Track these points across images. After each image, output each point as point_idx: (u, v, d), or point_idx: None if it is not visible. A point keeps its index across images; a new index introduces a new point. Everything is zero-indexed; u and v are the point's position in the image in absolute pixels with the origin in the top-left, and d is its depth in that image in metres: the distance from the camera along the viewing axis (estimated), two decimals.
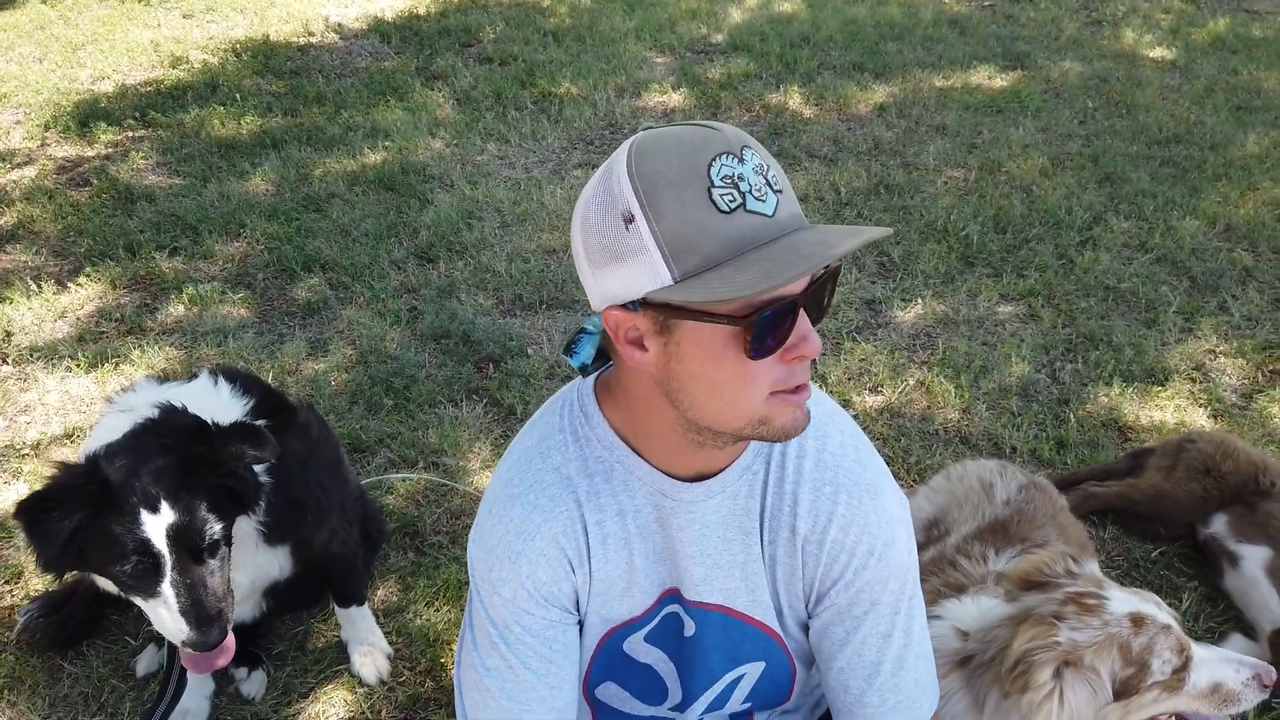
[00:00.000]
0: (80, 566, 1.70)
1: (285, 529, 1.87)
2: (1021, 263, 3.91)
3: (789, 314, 1.06)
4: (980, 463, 2.36)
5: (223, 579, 1.71)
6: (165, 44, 6.30)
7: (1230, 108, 5.34)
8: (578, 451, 1.30)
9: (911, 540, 1.37)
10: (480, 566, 1.31)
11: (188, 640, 1.66)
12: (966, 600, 1.82)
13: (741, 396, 1.10)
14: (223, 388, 1.90)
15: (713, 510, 1.29)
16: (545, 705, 1.32)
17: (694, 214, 1.02)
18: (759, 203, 1.03)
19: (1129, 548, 2.66)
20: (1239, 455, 2.58)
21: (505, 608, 1.29)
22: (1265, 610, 2.36)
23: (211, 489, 1.67)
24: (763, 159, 1.06)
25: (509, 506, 1.29)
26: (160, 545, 1.63)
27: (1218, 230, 4.14)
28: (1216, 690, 1.59)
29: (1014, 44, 6.23)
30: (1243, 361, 3.36)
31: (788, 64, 5.86)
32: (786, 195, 1.07)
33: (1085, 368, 3.32)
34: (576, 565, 1.30)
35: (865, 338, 3.49)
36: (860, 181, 4.52)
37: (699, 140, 1.05)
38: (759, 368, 1.08)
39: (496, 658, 1.31)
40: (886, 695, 1.34)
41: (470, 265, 3.90)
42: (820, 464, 1.30)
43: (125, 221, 4.19)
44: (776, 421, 1.12)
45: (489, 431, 3.04)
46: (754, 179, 1.04)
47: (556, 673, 1.33)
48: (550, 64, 5.88)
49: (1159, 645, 1.55)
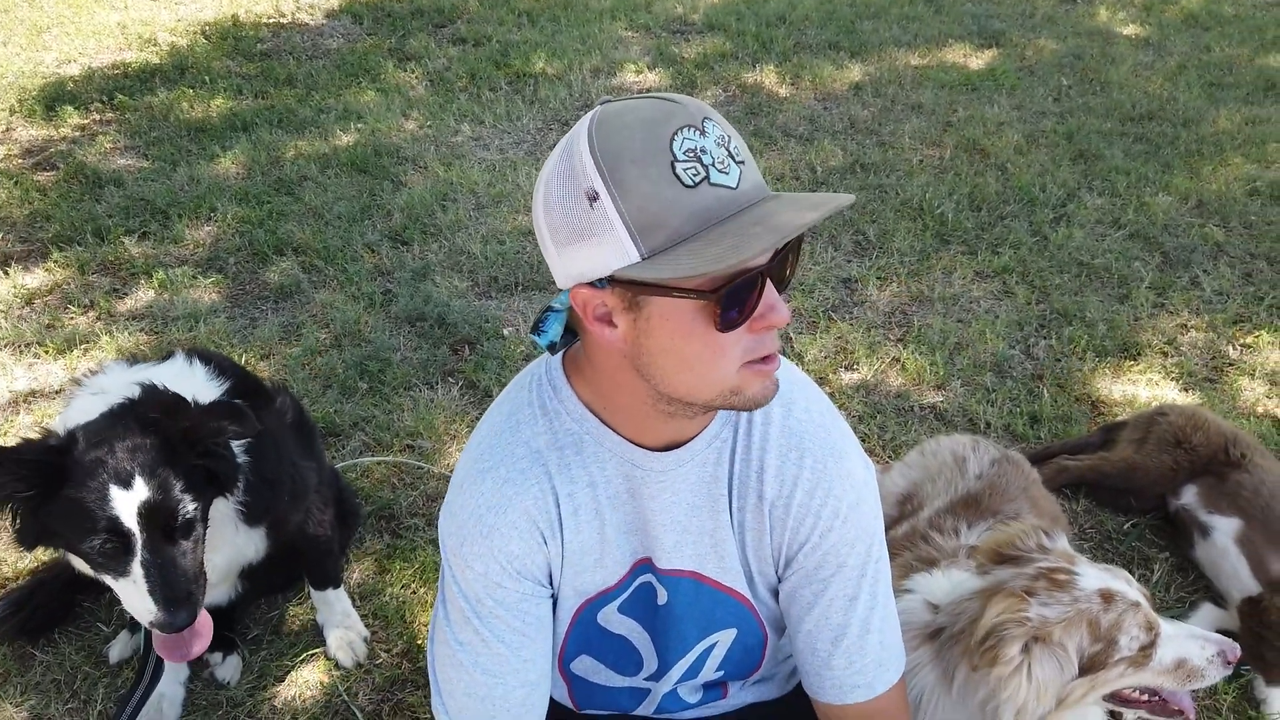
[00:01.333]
0: (51, 541, 1.68)
1: (263, 509, 1.86)
2: (996, 240, 3.92)
3: (755, 285, 1.06)
4: (954, 438, 2.37)
5: (195, 560, 1.69)
6: (132, 26, 6.20)
7: (1203, 84, 5.37)
8: (547, 425, 1.29)
9: (877, 504, 1.38)
10: (452, 541, 1.30)
11: (155, 621, 1.64)
12: (937, 574, 1.83)
13: (713, 369, 1.11)
14: (198, 368, 1.88)
15: (682, 479, 1.30)
16: (519, 678, 1.32)
17: (659, 190, 1.01)
18: (722, 175, 1.03)
19: (1101, 520, 2.69)
20: (1209, 428, 2.61)
21: (478, 581, 1.29)
22: (1235, 579, 2.39)
23: (189, 468, 1.65)
24: (724, 130, 1.06)
25: (480, 481, 1.29)
26: (130, 523, 1.60)
27: (1190, 206, 4.17)
28: (1181, 666, 1.60)
29: (989, 22, 6.24)
30: (1214, 335, 3.39)
31: (764, 43, 5.84)
32: (749, 165, 1.07)
33: (1059, 343, 3.34)
34: (549, 537, 1.30)
35: (841, 316, 3.49)
36: (836, 160, 4.51)
37: (661, 114, 1.04)
38: (728, 340, 1.08)
39: (469, 632, 1.30)
40: (853, 658, 1.35)
41: (445, 247, 3.87)
42: (786, 430, 1.31)
43: (93, 206, 4.12)
44: (747, 391, 1.13)
45: (465, 414, 3.02)
46: (716, 151, 1.03)
47: (530, 645, 1.33)
48: (525, 44, 5.83)
49: (1127, 622, 1.56)
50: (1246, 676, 2.23)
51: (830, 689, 1.39)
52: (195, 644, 1.76)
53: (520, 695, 1.33)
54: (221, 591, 2.09)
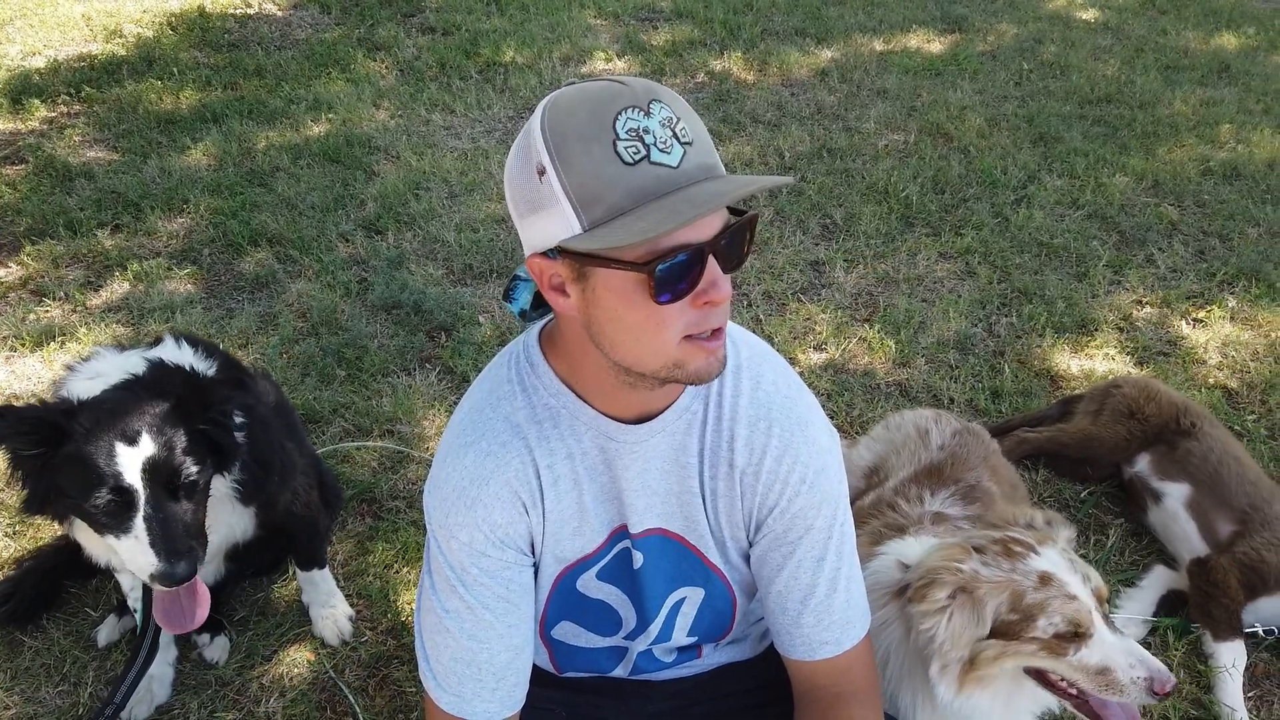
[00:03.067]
0: (57, 505, 1.72)
1: (255, 489, 1.91)
2: (959, 222, 4.02)
3: (695, 261, 1.11)
4: (917, 411, 2.47)
5: (196, 519, 1.74)
6: (97, 17, 6.15)
7: (1159, 67, 5.50)
8: (525, 400, 1.36)
9: (841, 470, 1.46)
10: (437, 514, 1.37)
11: (156, 573, 1.68)
12: (910, 539, 1.92)
13: (654, 340, 1.17)
14: (187, 350, 1.93)
15: (653, 449, 1.37)
16: (503, 643, 1.39)
17: (600, 166, 1.08)
18: (663, 154, 1.09)
19: (1060, 489, 2.80)
20: (1161, 398, 2.72)
21: (463, 551, 1.35)
22: (1185, 542, 2.51)
23: (195, 433, 1.71)
24: (673, 112, 1.11)
25: (462, 455, 1.35)
26: (134, 479, 1.65)
27: (1145, 186, 4.29)
28: (1104, 673, 1.62)
29: (952, 7, 6.34)
30: (1167, 311, 3.51)
31: (731, 30, 5.90)
32: (697, 147, 1.12)
33: (1019, 321, 3.45)
34: (530, 507, 1.37)
35: (810, 298, 3.57)
36: (804, 146, 4.59)
37: (607, 96, 1.10)
38: (668, 312, 1.14)
39: (455, 600, 1.37)
40: (821, 616, 1.43)
41: (419, 236, 3.91)
42: (754, 401, 1.38)
43: (64, 199, 4.12)
44: (690, 365, 1.19)
45: (443, 399, 3.08)
46: (660, 132, 1.09)
47: (514, 612, 1.39)
48: (494, 33, 5.85)
49: (1052, 607, 1.62)
50: (1196, 634, 2.34)
51: (800, 646, 1.47)
52: (197, 612, 1.82)
53: (505, 659, 1.40)
54: (209, 572, 2.14)
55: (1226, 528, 2.44)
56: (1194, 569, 2.41)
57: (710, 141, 1.15)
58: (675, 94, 1.15)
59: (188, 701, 2.17)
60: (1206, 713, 2.18)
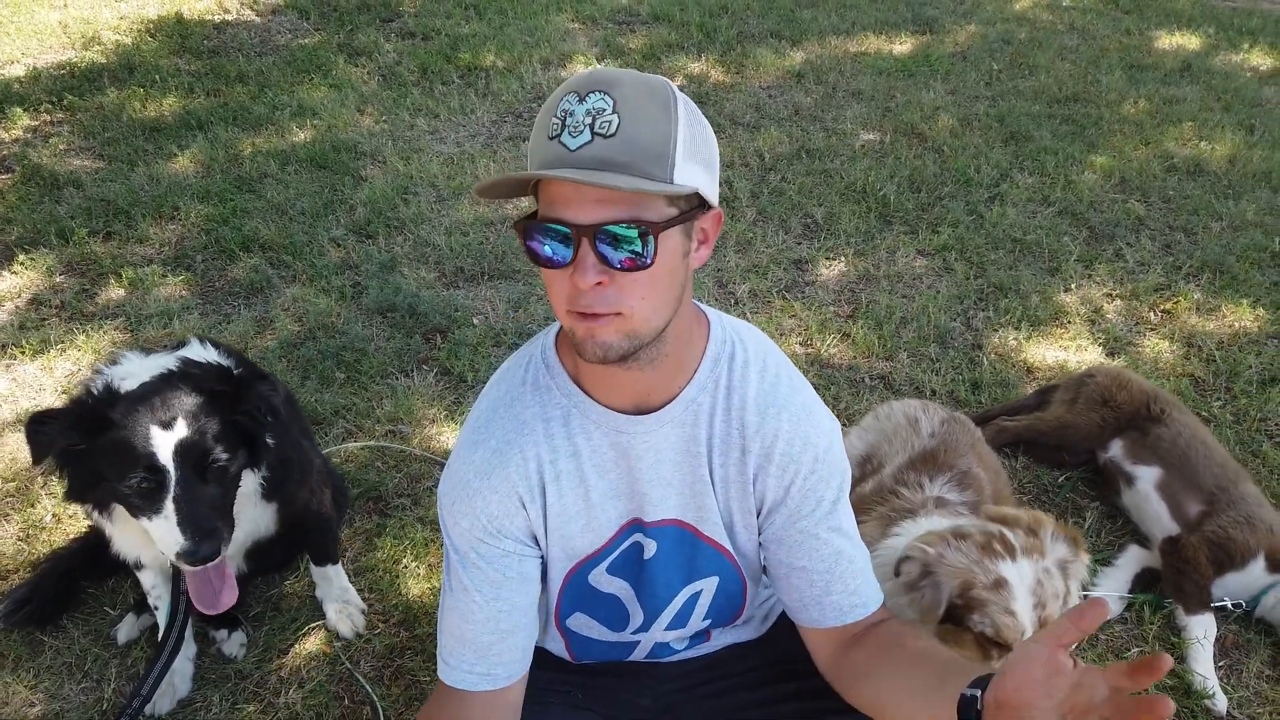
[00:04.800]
0: (97, 491, 1.80)
1: (278, 485, 1.99)
2: (935, 219, 4.15)
3: (557, 236, 1.22)
4: (905, 401, 2.58)
5: (224, 505, 1.82)
6: (74, 25, 6.15)
7: (1123, 66, 5.68)
8: (537, 399, 1.47)
9: (842, 448, 1.58)
10: (445, 500, 1.49)
11: (182, 550, 1.74)
12: (921, 520, 2.04)
13: (553, 301, 1.31)
14: (211, 352, 2.01)
15: (664, 439, 1.47)
16: (489, 625, 1.49)
17: (536, 134, 1.26)
18: (570, 137, 1.20)
19: (1038, 475, 2.92)
20: (1132, 387, 2.86)
21: (464, 536, 1.48)
22: (1157, 523, 2.64)
23: (228, 422, 1.80)
24: (607, 104, 1.20)
25: (473, 450, 1.47)
26: (166, 460, 1.73)
27: (1113, 183, 4.45)
28: None
29: (922, 9, 6.48)
30: (1136, 303, 3.65)
31: (708, 33, 6.01)
32: (613, 142, 1.19)
33: (996, 315, 3.58)
34: (528, 502, 1.47)
35: (794, 296, 3.69)
36: (783, 147, 4.71)
37: (572, 82, 1.25)
38: (551, 277, 1.27)
39: (455, 579, 1.50)
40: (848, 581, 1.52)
41: (410, 240, 3.98)
42: (761, 391, 1.49)
43: (54, 207, 4.15)
44: (575, 336, 1.29)
45: (442, 398, 3.16)
46: (581, 118, 1.20)
47: (505, 597, 1.50)
48: (474, 37, 5.93)
49: (989, 610, 1.75)
50: (1169, 608, 2.48)
51: (831, 613, 1.54)
52: (225, 594, 1.90)
53: (488, 640, 1.49)
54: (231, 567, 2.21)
55: (1195, 508, 2.57)
56: (1166, 547, 2.55)
57: (651, 145, 1.20)
58: (646, 92, 1.22)
59: (209, 695, 2.23)
60: (1180, 681, 2.31)
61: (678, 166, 1.23)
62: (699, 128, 1.28)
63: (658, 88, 1.24)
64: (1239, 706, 2.28)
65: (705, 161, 1.29)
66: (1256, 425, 3.06)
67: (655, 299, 1.28)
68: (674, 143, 1.22)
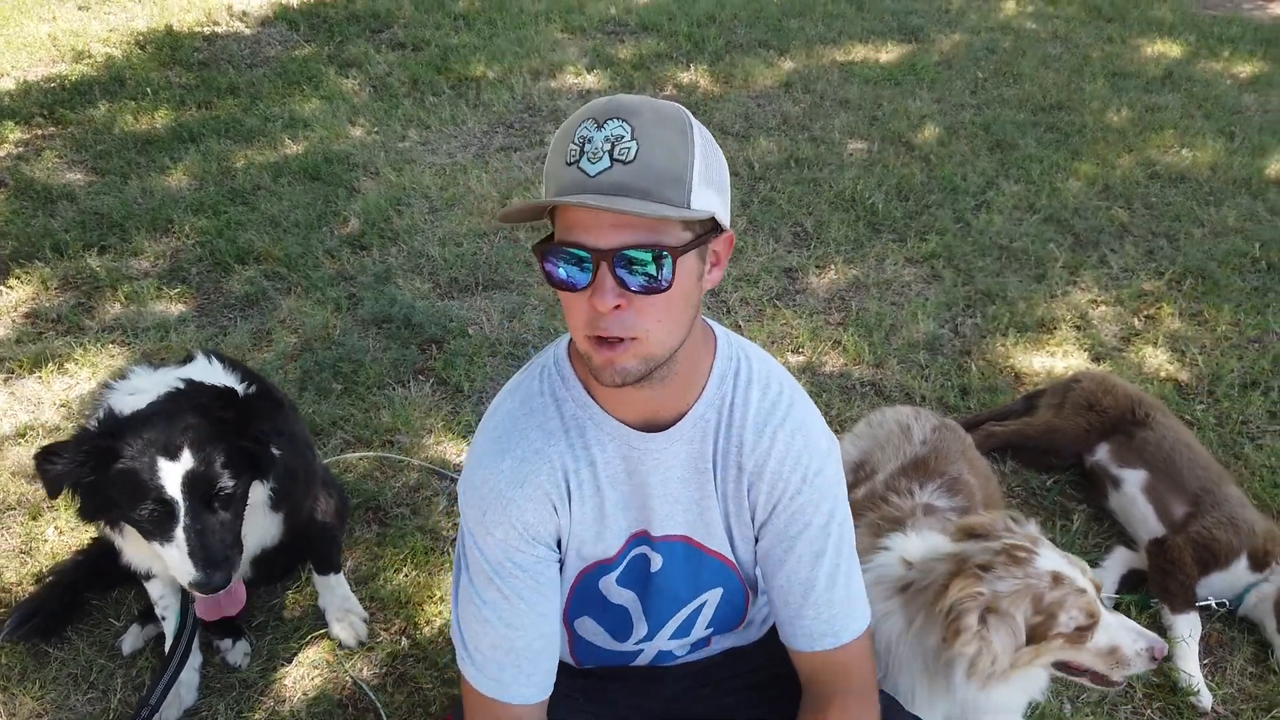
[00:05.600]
0: (108, 513, 1.84)
1: (285, 495, 2.02)
2: (923, 227, 4.22)
3: (574, 260, 1.25)
4: (897, 409, 2.63)
5: (233, 530, 1.86)
6: (64, 38, 6.17)
7: (1106, 74, 5.76)
8: (556, 410, 1.50)
9: (840, 473, 1.60)
10: (474, 512, 1.50)
11: (193, 581, 1.80)
12: (911, 534, 2.07)
13: (570, 324, 1.34)
14: (217, 367, 2.04)
15: (674, 456, 1.51)
16: (536, 630, 1.52)
17: (554, 159, 1.28)
18: (589, 164, 1.23)
19: (1027, 478, 2.98)
20: (1117, 391, 2.92)
21: (498, 547, 1.49)
22: (1143, 525, 2.70)
23: (233, 448, 1.82)
24: (625, 131, 1.23)
25: (500, 459, 1.49)
26: (175, 492, 1.77)
27: (1097, 190, 4.52)
28: (1113, 652, 1.82)
29: (908, 18, 6.56)
30: (1121, 309, 3.72)
31: (696, 43, 6.07)
32: (631, 168, 1.21)
33: (983, 321, 3.64)
34: (560, 508, 1.50)
35: (785, 304, 3.74)
36: (773, 156, 4.77)
37: (589, 109, 1.28)
38: (570, 301, 1.29)
39: (493, 591, 1.50)
40: (821, 609, 1.56)
41: (404, 251, 4.02)
42: (760, 409, 1.52)
43: (48, 221, 4.17)
44: (592, 362, 1.32)
45: (439, 408, 3.19)
46: (600, 145, 1.23)
47: (544, 602, 1.53)
48: (464, 48, 5.97)
49: (1069, 602, 1.79)
50: (1155, 608, 2.53)
51: (802, 637, 1.59)
52: (231, 607, 1.94)
53: (539, 646, 1.53)
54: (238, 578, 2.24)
55: (1180, 509, 2.63)
56: (1152, 549, 2.60)
57: (669, 170, 1.23)
58: (663, 120, 1.24)
59: (215, 704, 2.26)
60: (1166, 679, 2.36)
61: (694, 191, 1.25)
62: (713, 153, 1.31)
63: (674, 115, 1.27)
64: (1223, 703, 2.34)
65: (718, 186, 1.31)
66: (1238, 428, 3.12)
67: (671, 321, 1.31)
68: (691, 169, 1.25)
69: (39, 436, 3.04)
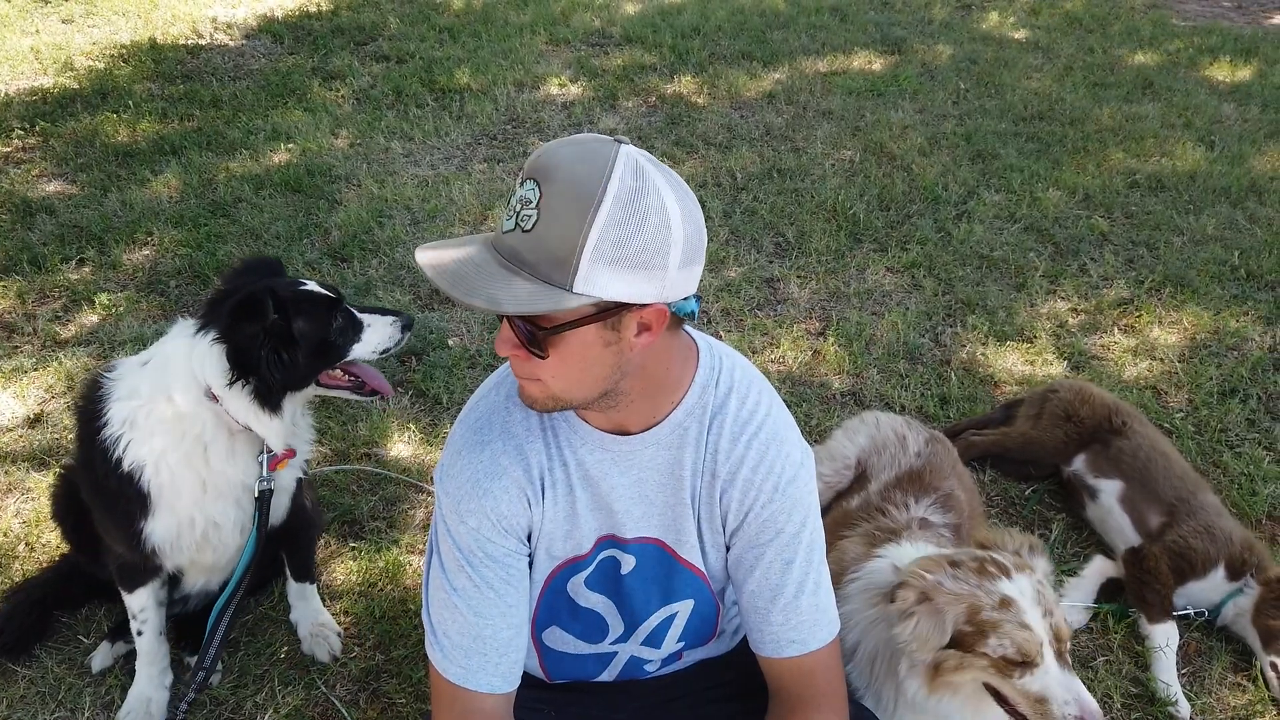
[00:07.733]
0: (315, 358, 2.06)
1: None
2: (904, 237, 4.22)
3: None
4: (890, 416, 2.64)
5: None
6: (46, 51, 6.15)
7: (1087, 84, 5.79)
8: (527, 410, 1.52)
9: (813, 484, 1.61)
10: (449, 501, 1.52)
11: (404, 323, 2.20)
12: (905, 544, 2.07)
13: None
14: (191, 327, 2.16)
15: (650, 460, 1.53)
16: (505, 620, 1.53)
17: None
18: (506, 219, 1.30)
19: (1005, 488, 2.98)
20: (1094, 401, 2.92)
21: (471, 535, 1.50)
22: (1120, 534, 2.70)
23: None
24: (534, 195, 1.25)
25: (479, 451, 1.52)
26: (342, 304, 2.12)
27: (1077, 199, 4.54)
28: (1041, 701, 1.75)
29: (891, 29, 6.59)
30: (1100, 317, 3.73)
31: (680, 54, 6.08)
32: (527, 238, 1.24)
33: (963, 330, 3.64)
34: (533, 503, 1.53)
35: (766, 314, 3.74)
36: (755, 167, 4.77)
37: (532, 156, 1.30)
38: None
39: (463, 578, 1.51)
40: (789, 616, 1.57)
41: (385, 263, 4.01)
42: (738, 418, 1.54)
43: (26, 234, 4.15)
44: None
45: (417, 420, 3.18)
46: (515, 204, 1.29)
47: (513, 593, 1.54)
48: (448, 60, 5.97)
49: (1005, 630, 1.75)
50: (1133, 617, 2.53)
51: (769, 643, 1.60)
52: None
53: (507, 636, 1.53)
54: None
55: (1156, 519, 2.63)
56: (1129, 558, 2.60)
57: (557, 250, 1.22)
58: (572, 189, 1.22)
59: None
60: (1145, 689, 2.36)
61: (581, 274, 1.22)
62: (633, 228, 1.22)
63: (588, 183, 1.22)
64: (1202, 713, 2.33)
65: (635, 263, 1.23)
66: (1217, 435, 3.13)
67: (567, 379, 1.36)
68: (580, 252, 1.21)
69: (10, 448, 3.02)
